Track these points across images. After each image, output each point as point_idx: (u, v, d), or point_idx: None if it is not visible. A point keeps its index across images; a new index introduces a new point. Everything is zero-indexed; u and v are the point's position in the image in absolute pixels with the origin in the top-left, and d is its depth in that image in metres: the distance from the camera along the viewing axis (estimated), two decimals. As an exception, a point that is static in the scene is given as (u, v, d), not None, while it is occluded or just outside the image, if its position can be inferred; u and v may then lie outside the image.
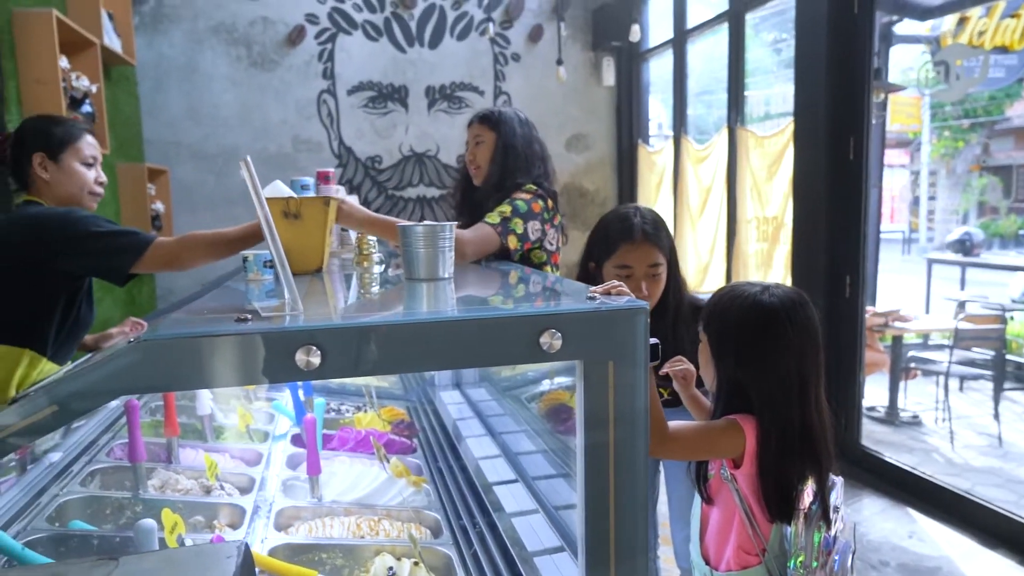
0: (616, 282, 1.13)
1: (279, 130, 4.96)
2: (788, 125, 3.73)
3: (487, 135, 2.16)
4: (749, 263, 4.13)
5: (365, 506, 1.58)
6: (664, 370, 1.40)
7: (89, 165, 1.87)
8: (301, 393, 2.14)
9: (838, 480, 1.33)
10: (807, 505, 1.25)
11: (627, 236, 1.73)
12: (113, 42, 3.87)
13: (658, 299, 1.77)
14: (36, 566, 0.88)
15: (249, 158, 1.07)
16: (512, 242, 1.98)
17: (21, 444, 0.83)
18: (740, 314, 1.22)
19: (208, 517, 1.47)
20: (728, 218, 4.27)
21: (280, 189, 1.65)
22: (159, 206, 4.46)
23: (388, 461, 1.74)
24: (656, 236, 1.74)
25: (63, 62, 3.16)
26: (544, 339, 0.95)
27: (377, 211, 5.22)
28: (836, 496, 1.32)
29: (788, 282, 3.78)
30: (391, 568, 1.33)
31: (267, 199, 1.57)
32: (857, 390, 3.52)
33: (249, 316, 0.94)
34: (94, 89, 3.44)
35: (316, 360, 0.88)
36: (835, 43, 3.35)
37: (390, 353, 0.91)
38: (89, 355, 1.30)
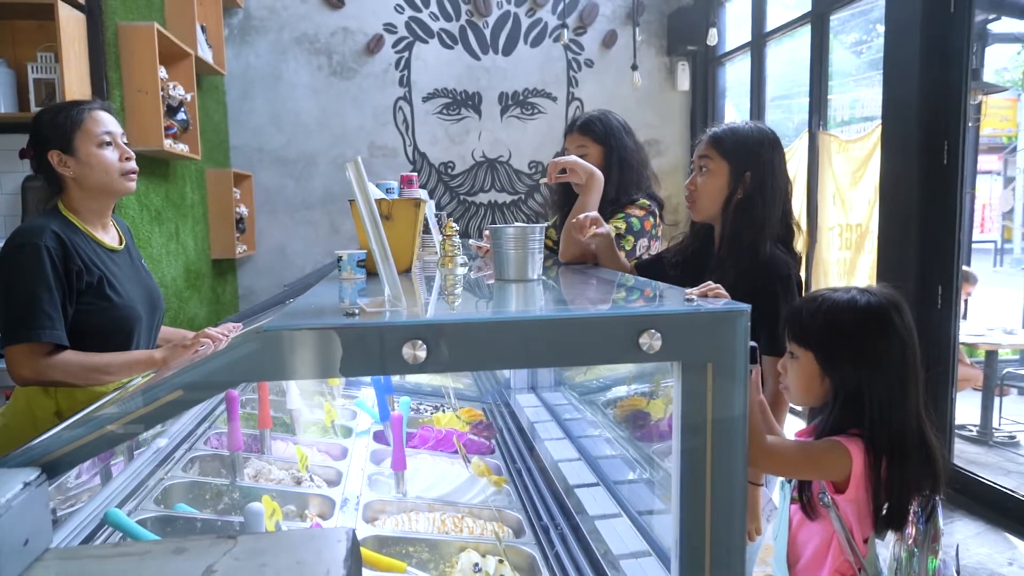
0: (713, 284, 1.11)
1: (356, 136, 5.10)
2: (875, 129, 3.59)
3: (592, 147, 2.11)
4: (831, 272, 3.99)
5: (448, 503, 1.60)
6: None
7: (107, 144, 1.68)
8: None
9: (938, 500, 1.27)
10: (912, 524, 1.20)
11: (700, 136, 1.69)
12: (205, 53, 4.07)
13: (710, 207, 1.62)
14: (162, 541, 0.93)
15: (360, 159, 1.10)
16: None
17: (147, 428, 0.88)
18: (848, 317, 1.18)
19: (299, 507, 1.52)
20: (808, 225, 4.14)
21: (374, 191, 1.69)
22: (243, 209, 4.65)
23: (470, 460, 1.76)
24: (718, 136, 1.62)
25: (162, 72, 3.34)
26: (644, 339, 0.94)
27: (449, 215, 5.30)
28: (940, 517, 1.26)
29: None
30: (477, 564, 1.34)
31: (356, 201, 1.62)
32: (949, 407, 3.35)
33: (356, 311, 0.97)
34: (188, 98, 3.62)
35: (422, 354, 0.90)
36: (929, 42, 3.21)
37: (492, 349, 0.92)
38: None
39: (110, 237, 1.77)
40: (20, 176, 3.02)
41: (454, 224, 1.88)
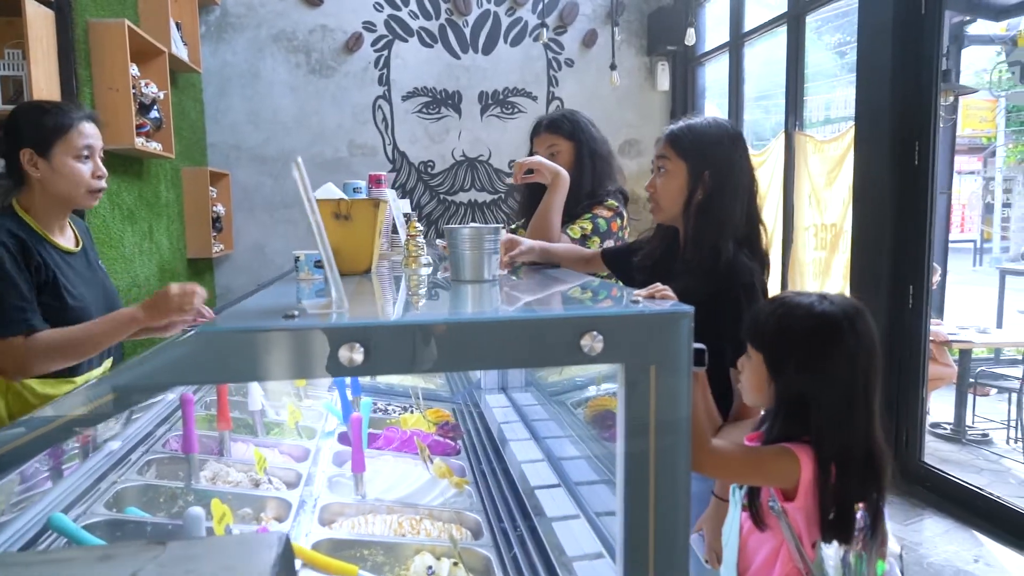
0: (661, 285, 1.11)
1: (335, 135, 5.07)
2: (849, 129, 3.62)
3: (563, 144, 2.11)
4: (806, 272, 4.01)
5: (407, 505, 1.59)
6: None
7: (85, 158, 1.64)
8: (349, 392, 2.17)
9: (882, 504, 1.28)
10: (860, 529, 1.20)
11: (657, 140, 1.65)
12: (180, 50, 4.03)
13: (671, 208, 1.59)
14: (89, 547, 0.91)
15: (300, 159, 1.09)
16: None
17: (82, 430, 0.87)
18: (800, 323, 1.17)
19: (256, 509, 1.50)
20: (784, 225, 4.16)
21: (332, 191, 1.68)
22: (220, 208, 4.61)
23: (432, 462, 1.75)
24: (676, 135, 1.57)
25: (134, 70, 3.30)
26: (585, 341, 0.94)
27: (428, 216, 5.29)
28: (886, 520, 1.27)
29: (847, 292, 3.66)
30: (430, 567, 1.33)
31: (319, 200, 1.60)
32: (920, 405, 3.37)
33: (296, 313, 0.96)
34: (162, 96, 3.58)
35: (359, 357, 0.89)
36: (901, 44, 3.24)
37: (430, 352, 0.92)
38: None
39: (65, 239, 1.74)
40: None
41: (418, 224, 1.88)
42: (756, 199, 1.60)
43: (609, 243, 1.99)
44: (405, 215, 2.25)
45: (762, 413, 1.29)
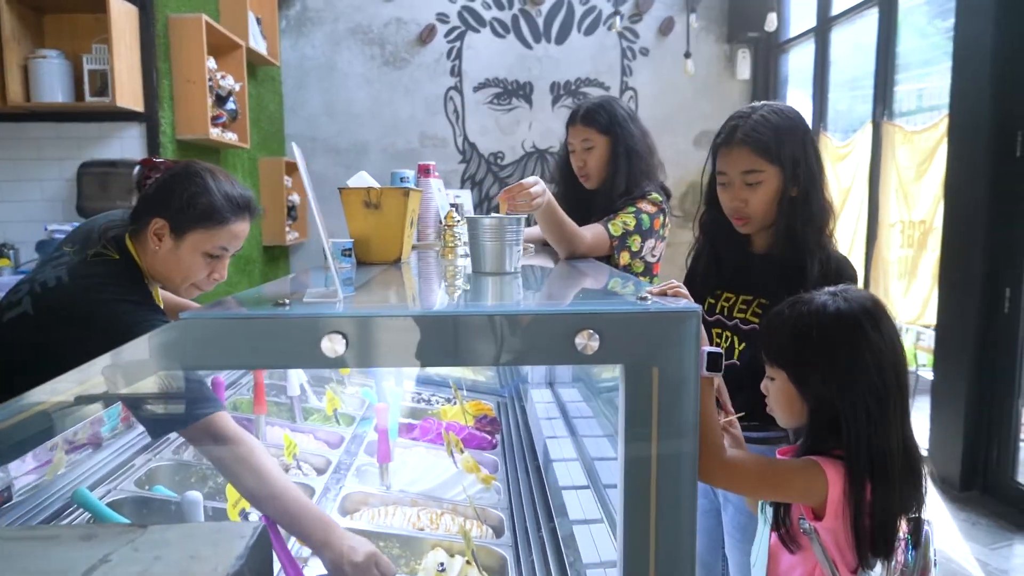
0: (675, 282, 1.04)
1: (407, 126, 5.13)
2: (943, 118, 3.34)
3: (598, 139, 2.01)
4: (891, 271, 3.75)
5: (431, 498, 1.58)
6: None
7: (215, 257, 1.40)
8: (393, 381, 2.19)
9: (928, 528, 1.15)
10: (901, 553, 1.09)
11: (725, 140, 1.46)
12: (259, 44, 4.17)
13: (766, 217, 1.44)
14: (74, 527, 0.94)
15: (295, 144, 1.08)
16: (624, 258, 1.91)
17: (70, 416, 0.89)
18: (813, 327, 1.07)
19: (281, 494, 1.52)
20: (869, 221, 3.90)
21: (364, 179, 1.68)
22: (295, 198, 4.76)
23: (462, 454, 1.73)
24: (757, 139, 1.40)
25: (211, 63, 3.44)
26: (580, 339, 0.88)
27: (497, 208, 5.29)
28: (931, 545, 1.15)
29: (935, 294, 3.39)
30: (442, 564, 1.31)
31: (349, 189, 1.61)
32: (1015, 418, 3.09)
33: (287, 302, 0.94)
34: (238, 88, 3.71)
35: (340, 348, 0.87)
36: (1004, 24, 2.95)
37: (412, 345, 0.88)
38: None
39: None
40: (77, 163, 3.18)
41: (456, 215, 1.85)
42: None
43: (651, 242, 1.89)
44: (451, 205, 2.23)
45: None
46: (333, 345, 0.87)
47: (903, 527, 1.08)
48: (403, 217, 1.57)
